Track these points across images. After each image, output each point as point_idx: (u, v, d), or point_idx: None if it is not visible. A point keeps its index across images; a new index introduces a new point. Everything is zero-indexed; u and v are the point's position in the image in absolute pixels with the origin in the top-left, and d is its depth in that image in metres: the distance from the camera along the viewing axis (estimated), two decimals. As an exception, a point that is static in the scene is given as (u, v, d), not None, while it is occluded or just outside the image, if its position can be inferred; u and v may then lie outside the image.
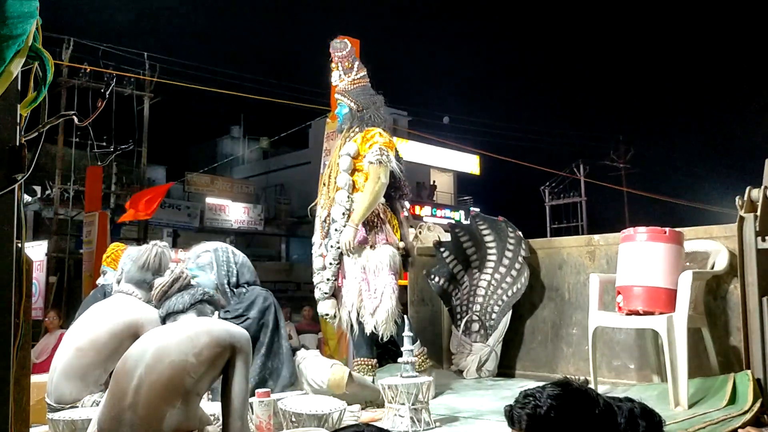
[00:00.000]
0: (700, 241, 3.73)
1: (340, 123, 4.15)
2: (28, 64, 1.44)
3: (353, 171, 3.96)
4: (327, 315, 4.01)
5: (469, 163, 30.38)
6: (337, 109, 4.20)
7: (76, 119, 1.55)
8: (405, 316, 3.69)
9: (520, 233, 4.56)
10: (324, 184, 4.11)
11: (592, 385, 3.57)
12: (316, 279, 4.05)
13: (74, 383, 2.91)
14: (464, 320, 4.67)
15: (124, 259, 3.40)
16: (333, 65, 4.16)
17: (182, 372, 2.27)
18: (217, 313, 2.78)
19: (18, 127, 1.40)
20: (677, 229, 3.50)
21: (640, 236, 3.47)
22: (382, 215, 3.92)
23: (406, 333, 3.30)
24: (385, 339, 3.83)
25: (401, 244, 3.94)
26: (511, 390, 3.86)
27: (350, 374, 3.39)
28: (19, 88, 1.42)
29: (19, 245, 1.41)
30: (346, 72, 4.13)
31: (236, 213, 24.71)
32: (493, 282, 4.65)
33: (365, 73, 4.19)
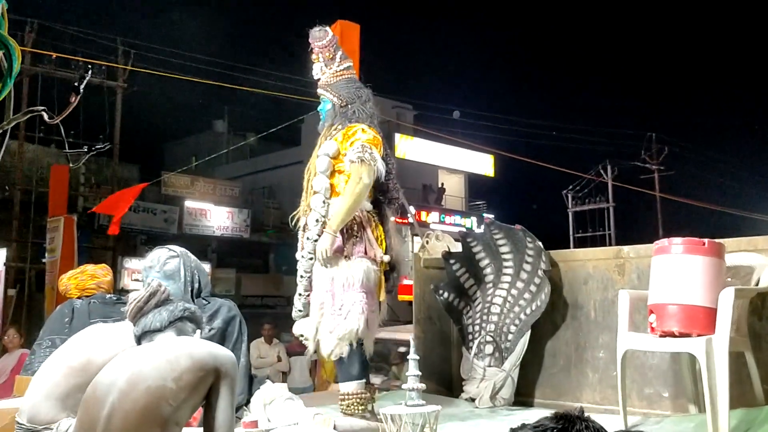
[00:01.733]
0: (744, 254, 3.73)
1: (322, 120, 4.15)
2: (-9, 53, 1.44)
3: (333, 173, 3.95)
4: (302, 336, 3.97)
5: (482, 164, 30.38)
6: (320, 105, 4.19)
7: (45, 116, 1.56)
8: (362, 345, 3.72)
9: (539, 244, 4.57)
10: (304, 189, 4.11)
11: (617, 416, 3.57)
12: (295, 296, 4.07)
13: (52, 403, 2.92)
14: (477, 341, 4.68)
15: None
16: (314, 57, 4.16)
17: (160, 399, 2.27)
18: (198, 331, 2.78)
19: (-20, 123, 1.41)
20: (717, 241, 3.50)
21: (676, 248, 3.48)
22: (364, 223, 3.89)
23: (412, 356, 3.30)
24: (333, 357, 3.80)
25: (385, 258, 3.91)
26: (528, 422, 3.85)
27: (335, 426, 3.40)
28: (-18, 79, 1.43)
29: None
30: (327, 63, 4.12)
31: (219, 218, 24.70)
32: (509, 298, 4.66)
33: (350, 64, 4.20)
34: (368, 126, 3.99)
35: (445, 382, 5.04)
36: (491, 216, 26.78)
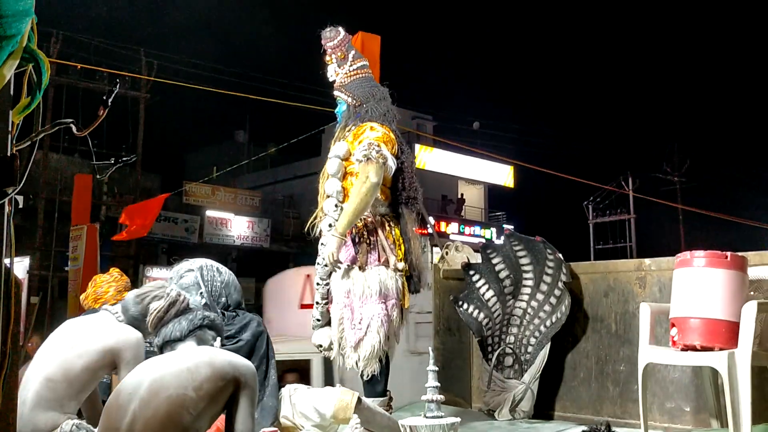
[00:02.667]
0: (767, 268, 3.70)
1: (339, 122, 4.02)
2: (21, 66, 1.47)
3: (345, 175, 3.81)
4: (321, 346, 3.88)
5: (502, 175, 30.37)
6: (336, 108, 4.07)
7: (74, 128, 1.59)
8: (387, 354, 3.65)
9: (560, 255, 4.55)
10: (319, 194, 3.97)
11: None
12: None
13: (49, 414, 2.92)
14: (496, 353, 4.66)
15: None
16: (327, 58, 4.04)
17: (180, 408, 2.29)
18: (218, 339, 2.78)
19: (9, 136, 1.44)
20: (740, 254, 3.47)
21: (698, 261, 3.45)
22: (377, 229, 3.75)
23: (431, 367, 3.29)
24: (365, 377, 3.70)
25: (399, 265, 3.73)
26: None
27: (359, 398, 3.31)
28: (12, 92, 1.46)
29: (8, 264, 1.44)
30: (339, 64, 4.00)
31: (239, 227, 24.87)
32: (529, 310, 4.64)
33: (365, 63, 4.06)
34: (379, 123, 3.84)
35: (464, 394, 5.03)
36: (511, 227, 26.71)
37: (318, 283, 3.85)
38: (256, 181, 31.33)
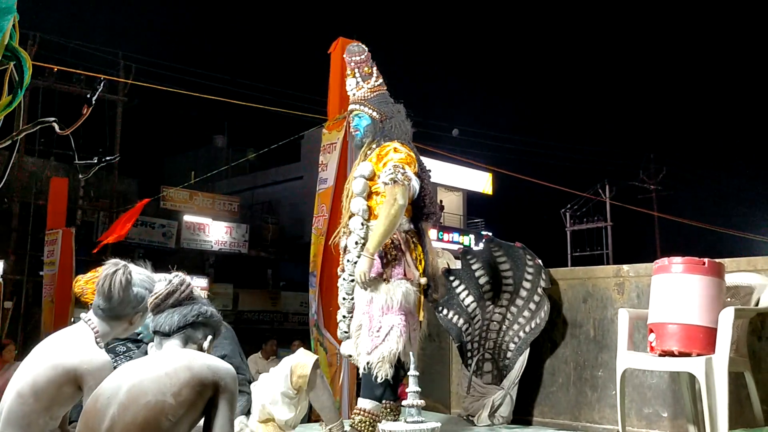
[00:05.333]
0: (743, 274, 3.74)
1: (360, 137, 4.11)
2: (2, 64, 1.45)
3: (370, 194, 3.93)
4: (351, 357, 3.99)
5: (481, 182, 30.48)
6: (353, 121, 4.16)
7: (56, 126, 1.56)
8: (412, 358, 3.69)
9: (539, 261, 4.57)
10: (344, 209, 4.10)
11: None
12: (339, 317, 4.07)
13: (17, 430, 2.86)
14: (475, 359, 4.67)
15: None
16: (349, 71, 4.14)
17: (159, 414, 2.26)
18: (209, 338, 2.70)
19: (-10, 135, 1.42)
20: (717, 260, 3.51)
21: (676, 267, 3.48)
22: (402, 245, 3.87)
23: (412, 372, 3.29)
24: (379, 379, 3.76)
25: (422, 280, 3.87)
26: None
27: (316, 362, 3.42)
28: (-7, 90, 1.44)
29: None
30: (365, 78, 4.10)
31: (217, 233, 24.72)
32: (508, 316, 4.66)
33: (383, 80, 4.17)
34: (401, 143, 3.97)
35: (444, 400, 5.03)
36: (489, 233, 26.80)
37: (344, 298, 3.94)
38: (234, 186, 31.16)
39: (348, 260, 3.89)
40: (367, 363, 3.75)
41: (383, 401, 3.80)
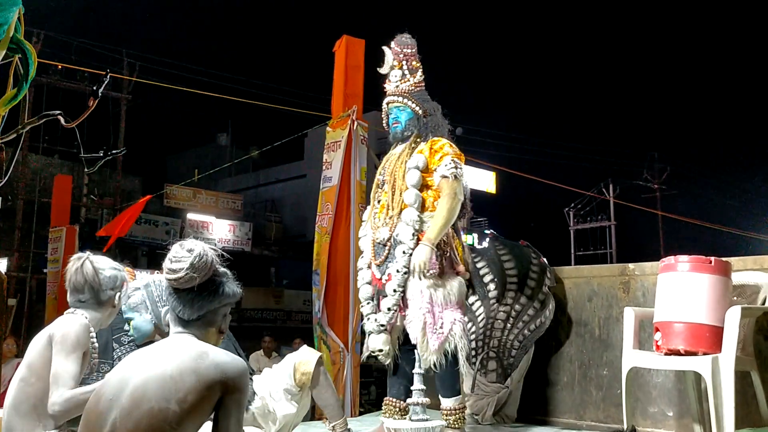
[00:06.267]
0: (750, 273, 3.73)
1: (401, 129, 4.04)
2: (7, 57, 1.44)
3: (422, 187, 3.90)
4: (380, 351, 3.88)
5: (484, 181, 30.45)
6: (392, 113, 4.08)
7: (62, 119, 1.55)
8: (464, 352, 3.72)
9: (544, 260, 4.56)
10: (378, 201, 4.04)
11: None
12: (366, 310, 3.97)
13: (25, 419, 2.89)
14: (480, 357, 4.66)
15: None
16: (396, 63, 4.07)
17: (163, 422, 2.21)
18: (227, 317, 2.59)
19: (-5, 127, 1.40)
20: (724, 259, 3.49)
21: (682, 266, 3.47)
22: (451, 240, 3.87)
23: (416, 370, 3.29)
24: (452, 374, 3.77)
25: (467, 275, 3.89)
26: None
27: (322, 361, 3.42)
28: (-2, 83, 1.43)
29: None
30: (412, 71, 4.06)
31: (221, 231, 24.70)
32: (512, 314, 4.64)
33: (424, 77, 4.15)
34: (447, 139, 3.98)
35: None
36: (493, 231, 26.72)
37: (395, 290, 3.81)
38: (238, 184, 31.17)
39: (404, 251, 3.77)
40: (437, 360, 3.69)
41: (460, 394, 3.81)
